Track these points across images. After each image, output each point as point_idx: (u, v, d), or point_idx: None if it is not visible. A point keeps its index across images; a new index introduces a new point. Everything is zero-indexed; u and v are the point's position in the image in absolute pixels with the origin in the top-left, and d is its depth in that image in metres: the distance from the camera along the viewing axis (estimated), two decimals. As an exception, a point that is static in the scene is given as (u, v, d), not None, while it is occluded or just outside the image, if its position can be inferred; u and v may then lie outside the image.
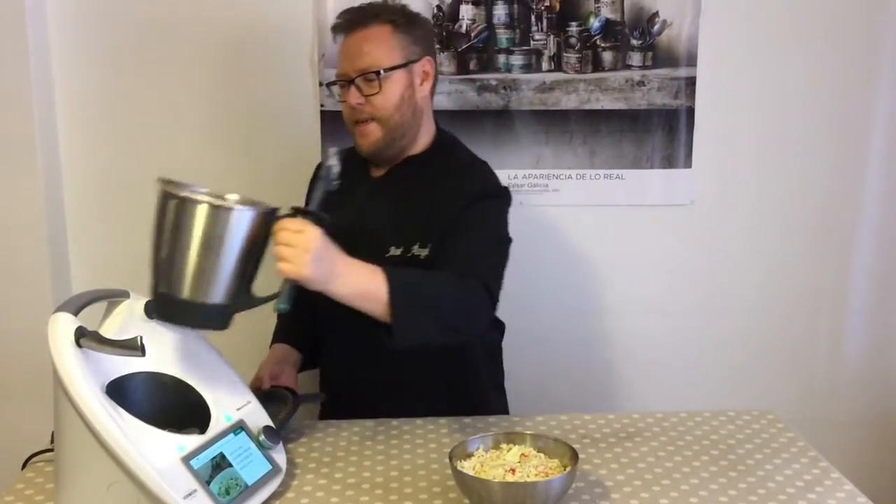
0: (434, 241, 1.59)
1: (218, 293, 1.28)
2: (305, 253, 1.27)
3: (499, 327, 1.85)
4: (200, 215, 1.25)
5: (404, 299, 1.36)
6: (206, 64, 2.07)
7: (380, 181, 1.70)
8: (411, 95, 1.63)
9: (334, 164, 1.40)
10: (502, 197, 1.67)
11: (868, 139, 2.20)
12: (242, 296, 1.31)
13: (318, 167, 1.76)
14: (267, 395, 1.53)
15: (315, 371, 1.85)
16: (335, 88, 1.66)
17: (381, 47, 1.60)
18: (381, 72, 1.58)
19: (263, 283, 1.34)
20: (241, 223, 1.27)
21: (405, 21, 1.63)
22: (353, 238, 1.61)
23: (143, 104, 2.08)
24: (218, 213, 1.26)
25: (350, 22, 1.63)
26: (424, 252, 1.60)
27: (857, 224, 2.24)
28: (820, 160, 2.20)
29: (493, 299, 1.53)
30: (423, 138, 1.69)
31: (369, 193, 1.69)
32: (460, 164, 1.70)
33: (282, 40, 2.07)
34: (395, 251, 1.61)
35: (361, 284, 1.35)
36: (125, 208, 2.11)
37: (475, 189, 1.61)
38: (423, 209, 1.62)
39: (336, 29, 1.66)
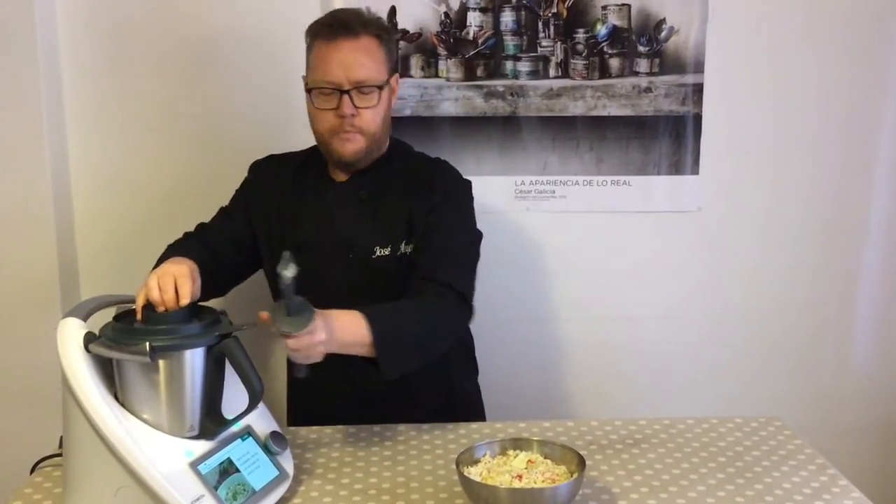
0: (416, 237, 1.64)
1: (190, 425, 1.29)
2: (319, 347, 1.34)
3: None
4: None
5: (386, 339, 1.43)
6: (214, 68, 2.07)
7: (345, 185, 1.70)
8: (388, 109, 1.66)
9: (291, 271, 1.32)
10: (468, 190, 1.72)
11: (876, 146, 2.19)
12: (213, 419, 1.31)
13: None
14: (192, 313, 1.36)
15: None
16: (317, 95, 1.60)
17: (374, 61, 1.60)
18: (382, 86, 1.60)
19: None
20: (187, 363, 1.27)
21: (387, 36, 1.65)
22: (338, 245, 1.64)
23: (150, 107, 2.08)
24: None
25: (341, 27, 1.57)
26: (410, 248, 1.64)
27: (866, 231, 2.23)
28: (828, 167, 2.19)
29: (469, 303, 1.60)
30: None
31: (339, 199, 1.69)
32: (423, 161, 1.77)
33: (289, 46, 2.07)
34: (381, 251, 1.64)
35: (348, 336, 1.41)
36: (134, 213, 2.11)
37: (446, 183, 1.68)
38: (401, 207, 1.65)
39: (319, 34, 1.59)
